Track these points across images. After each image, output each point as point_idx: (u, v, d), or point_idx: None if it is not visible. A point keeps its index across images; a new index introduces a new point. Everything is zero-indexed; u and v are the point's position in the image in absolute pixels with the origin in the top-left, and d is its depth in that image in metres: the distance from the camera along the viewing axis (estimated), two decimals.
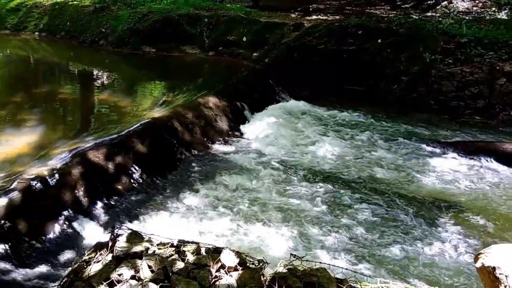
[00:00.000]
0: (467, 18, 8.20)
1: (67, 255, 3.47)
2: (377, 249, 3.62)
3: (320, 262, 2.42)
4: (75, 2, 10.74)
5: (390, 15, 8.97)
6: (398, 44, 7.34)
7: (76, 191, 3.99)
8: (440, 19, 8.23)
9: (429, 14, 9.12)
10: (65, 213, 3.79)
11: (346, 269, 2.39)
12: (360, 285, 2.38)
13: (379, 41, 7.48)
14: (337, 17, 9.17)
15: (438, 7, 9.53)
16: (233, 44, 8.63)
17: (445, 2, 9.64)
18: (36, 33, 10.60)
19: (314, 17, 9.31)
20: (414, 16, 8.63)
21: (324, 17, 9.26)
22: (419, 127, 6.25)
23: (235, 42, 8.64)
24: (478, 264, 1.88)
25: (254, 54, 8.27)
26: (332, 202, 4.33)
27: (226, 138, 5.87)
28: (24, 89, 6.96)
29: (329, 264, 2.41)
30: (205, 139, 5.65)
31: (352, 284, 2.33)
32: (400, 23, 7.80)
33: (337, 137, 5.85)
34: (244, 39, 8.60)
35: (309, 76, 7.37)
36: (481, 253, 1.91)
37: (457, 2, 9.65)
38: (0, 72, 8.09)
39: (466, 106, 6.58)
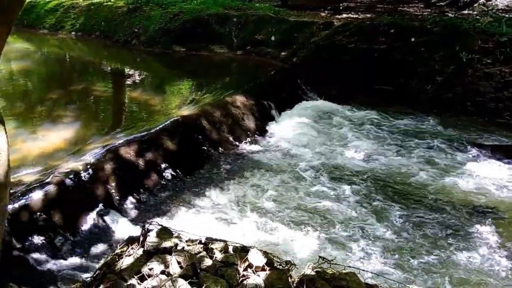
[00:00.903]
0: (507, 16, 7.86)
1: (98, 247, 3.57)
2: (410, 255, 3.52)
3: (350, 266, 2.38)
4: (109, 3, 11.02)
5: (424, 13, 8.72)
6: (432, 43, 7.12)
7: (108, 186, 4.09)
8: (477, 17, 7.93)
9: (465, 12, 8.80)
10: (98, 207, 3.91)
11: (377, 274, 2.34)
12: None
13: (412, 40, 7.29)
14: (368, 15, 8.99)
15: (475, 5, 9.17)
16: (261, 44, 8.61)
17: (483, 0, 9.27)
18: (73, 32, 10.94)
19: (344, 15, 9.17)
20: (449, 14, 8.35)
21: (355, 16, 9.10)
22: (455, 129, 6.03)
23: (263, 41, 8.62)
24: None
25: (282, 53, 8.23)
26: (362, 205, 4.24)
27: (253, 137, 5.87)
28: (60, 87, 7.21)
29: (358, 269, 2.37)
30: (232, 137, 5.67)
31: None
32: (435, 22, 7.56)
33: (367, 138, 5.74)
34: (273, 38, 8.57)
35: (338, 76, 7.26)
36: None
37: (496, 0, 9.27)
38: (38, 70, 8.40)
39: (505, 107, 6.29)
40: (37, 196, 3.58)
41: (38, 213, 3.53)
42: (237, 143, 5.63)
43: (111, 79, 8.17)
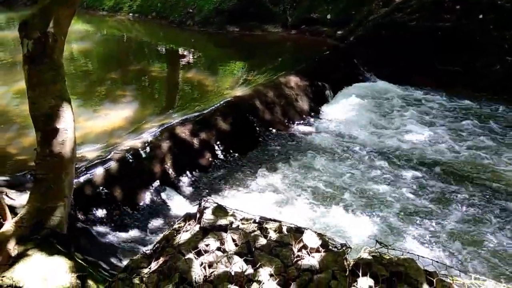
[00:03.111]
0: None
1: (155, 222, 3.72)
2: (472, 243, 3.33)
3: (408, 252, 2.28)
4: None
5: None
6: (502, 20, 6.55)
7: (164, 163, 4.23)
8: None
9: None
10: (155, 184, 4.05)
11: (436, 261, 2.22)
12: (452, 279, 2.20)
13: (480, 17, 6.75)
14: None
15: None
16: (316, 22, 8.38)
17: None
18: (130, 14, 11.29)
19: None
20: None
21: None
22: None
23: (318, 20, 8.38)
24: None
25: (338, 32, 7.96)
26: (420, 190, 4.06)
27: (306, 118, 5.78)
28: (118, 67, 7.49)
29: (417, 255, 2.27)
30: (285, 118, 5.62)
31: (442, 278, 2.17)
32: None
33: (428, 121, 5.45)
34: (328, 16, 8.31)
35: (397, 55, 6.91)
36: None
37: None
38: (98, 51, 8.78)
39: None
40: (99, 171, 3.76)
41: (100, 188, 3.72)
42: (290, 124, 5.57)
43: (166, 60, 8.36)
